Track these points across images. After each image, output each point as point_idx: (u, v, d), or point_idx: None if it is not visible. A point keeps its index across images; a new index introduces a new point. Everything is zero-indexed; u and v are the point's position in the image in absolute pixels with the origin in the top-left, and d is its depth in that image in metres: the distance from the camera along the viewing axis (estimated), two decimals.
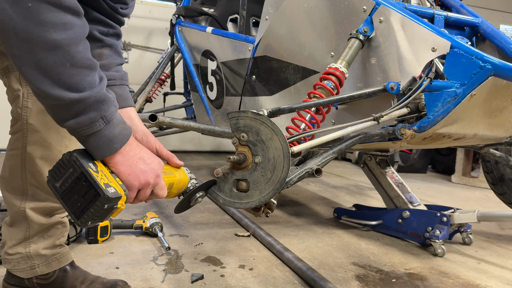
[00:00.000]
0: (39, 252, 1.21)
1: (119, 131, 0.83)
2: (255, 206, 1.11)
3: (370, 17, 1.51)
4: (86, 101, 0.76)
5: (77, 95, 0.75)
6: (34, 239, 1.20)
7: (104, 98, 0.79)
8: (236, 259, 1.69)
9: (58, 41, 0.70)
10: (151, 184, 0.89)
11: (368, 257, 1.81)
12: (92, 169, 0.80)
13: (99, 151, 0.82)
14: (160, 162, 0.93)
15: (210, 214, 2.36)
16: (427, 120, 1.36)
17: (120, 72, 1.09)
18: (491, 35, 1.64)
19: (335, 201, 2.95)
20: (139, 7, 4.81)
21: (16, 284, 1.25)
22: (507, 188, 2.35)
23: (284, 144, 1.05)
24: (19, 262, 1.20)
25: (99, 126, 0.79)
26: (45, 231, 1.21)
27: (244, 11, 2.50)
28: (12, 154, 1.14)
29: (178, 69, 3.23)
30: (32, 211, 1.17)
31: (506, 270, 1.78)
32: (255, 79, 2.18)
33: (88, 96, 0.76)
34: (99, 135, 0.80)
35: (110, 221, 1.83)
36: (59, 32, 0.70)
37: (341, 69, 1.44)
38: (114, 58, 1.08)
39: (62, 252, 1.27)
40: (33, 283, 1.24)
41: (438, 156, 4.85)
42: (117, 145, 0.83)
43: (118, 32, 1.11)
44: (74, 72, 0.74)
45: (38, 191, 1.17)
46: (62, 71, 0.73)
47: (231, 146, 4.99)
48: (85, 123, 0.78)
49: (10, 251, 1.20)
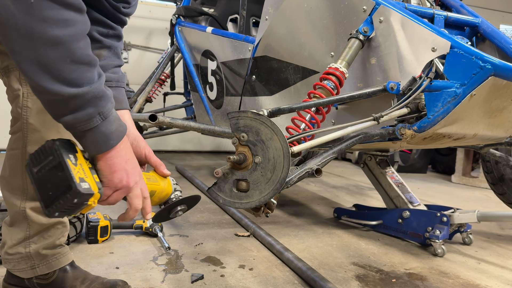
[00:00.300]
0: (39, 252, 1.21)
1: (115, 128, 0.84)
2: (255, 206, 1.11)
3: (370, 17, 1.51)
4: (84, 97, 0.77)
5: (76, 90, 0.75)
6: (34, 239, 1.20)
7: (102, 94, 0.80)
8: (236, 259, 1.69)
9: (60, 37, 0.71)
10: (129, 188, 0.89)
11: (368, 257, 1.81)
12: (71, 161, 0.80)
13: (95, 147, 0.82)
14: (140, 172, 0.93)
15: (210, 214, 2.36)
16: (427, 120, 1.36)
17: (117, 74, 1.09)
18: (491, 35, 1.64)
19: (335, 201, 2.95)
20: (139, 7, 4.79)
21: (16, 284, 1.25)
22: (507, 188, 2.35)
23: (284, 144, 1.05)
24: (19, 262, 1.20)
25: (96, 122, 0.80)
26: (45, 231, 1.21)
27: (244, 11, 2.50)
28: (12, 154, 1.15)
29: (178, 69, 3.23)
30: (32, 211, 1.17)
31: (506, 270, 1.78)
32: (255, 79, 2.18)
33: (86, 91, 0.77)
34: (96, 131, 0.80)
35: (110, 221, 1.83)
36: (61, 28, 0.71)
37: (341, 69, 1.44)
38: (112, 59, 1.08)
39: (62, 252, 1.26)
40: (33, 283, 1.24)
41: (438, 156, 4.85)
42: (114, 142, 0.84)
43: (119, 34, 1.10)
44: (74, 68, 0.75)
45: None
46: (63, 66, 0.73)
47: (231, 146, 5.00)
48: (83, 118, 0.78)
49: (10, 251, 1.20)
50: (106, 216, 1.83)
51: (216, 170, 1.10)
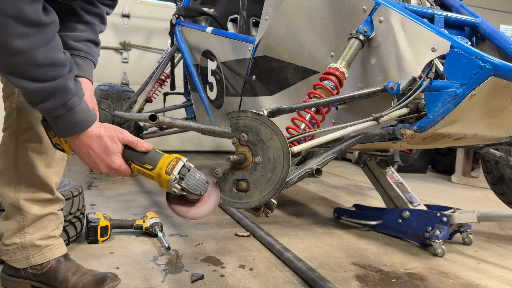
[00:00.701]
0: (34, 242, 1.27)
1: (82, 118, 0.97)
2: (255, 206, 1.11)
3: (370, 17, 1.51)
4: (47, 90, 0.91)
5: (39, 85, 0.90)
6: (29, 230, 1.26)
7: (65, 89, 0.93)
8: (236, 259, 1.70)
9: (21, 47, 0.85)
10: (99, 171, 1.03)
11: (368, 257, 1.81)
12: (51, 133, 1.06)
13: (62, 132, 0.98)
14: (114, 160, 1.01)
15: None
16: (427, 120, 1.36)
17: (88, 47, 1.16)
18: (491, 35, 1.64)
19: (335, 201, 2.95)
20: (139, 7, 4.81)
21: (13, 275, 1.31)
22: (507, 188, 2.35)
23: (284, 144, 1.05)
24: (15, 253, 1.27)
25: (60, 112, 0.94)
26: (39, 222, 1.28)
27: (244, 11, 2.50)
28: (5, 148, 1.23)
29: (178, 69, 3.23)
30: (25, 201, 1.24)
31: (506, 270, 1.78)
32: (255, 79, 2.18)
33: (48, 86, 0.91)
34: (61, 119, 0.95)
35: (110, 221, 1.83)
36: (21, 40, 0.85)
37: (341, 69, 1.44)
38: (87, 34, 1.16)
39: (56, 243, 1.32)
40: (28, 273, 1.30)
41: (438, 156, 4.85)
42: (78, 129, 0.98)
43: (101, 13, 1.20)
44: (36, 69, 0.89)
45: (31, 182, 1.24)
46: (26, 69, 0.88)
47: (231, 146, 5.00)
48: (48, 107, 0.93)
49: (7, 241, 1.26)
50: (106, 216, 1.83)
51: (216, 170, 1.10)
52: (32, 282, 1.31)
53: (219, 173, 1.11)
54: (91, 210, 2.24)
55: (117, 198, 2.62)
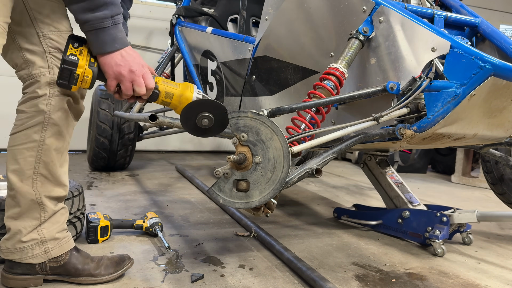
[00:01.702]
0: (54, 235, 1.32)
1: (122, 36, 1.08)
2: (255, 206, 1.11)
3: (370, 17, 1.52)
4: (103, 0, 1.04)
5: None
6: (45, 225, 1.31)
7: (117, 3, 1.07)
8: (236, 259, 1.70)
9: None
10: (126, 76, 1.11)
11: (368, 257, 1.81)
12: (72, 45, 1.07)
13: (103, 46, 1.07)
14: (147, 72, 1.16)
15: (210, 214, 2.36)
16: (427, 120, 1.36)
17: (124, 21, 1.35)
18: (491, 35, 1.64)
19: (335, 201, 2.95)
20: (139, 7, 4.81)
21: (24, 272, 1.31)
22: (507, 188, 2.36)
23: (284, 144, 1.05)
24: (33, 248, 1.29)
25: (108, 24, 1.05)
26: (54, 217, 1.33)
27: (244, 11, 2.50)
28: (27, 147, 1.26)
29: (178, 69, 3.23)
30: (46, 198, 1.29)
31: (506, 270, 1.78)
32: (255, 79, 2.18)
33: None
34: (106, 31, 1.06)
35: (111, 221, 1.83)
36: None
37: (341, 69, 1.44)
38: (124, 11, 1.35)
39: (69, 235, 1.39)
40: (45, 267, 1.32)
41: (438, 156, 4.85)
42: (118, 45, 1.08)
43: None
44: None
45: (50, 180, 1.29)
46: None
47: (231, 146, 5.00)
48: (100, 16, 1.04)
49: (25, 238, 1.28)
50: (106, 216, 1.83)
51: (216, 170, 1.10)
52: (47, 276, 1.34)
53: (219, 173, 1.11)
54: (91, 210, 2.24)
55: (117, 198, 2.62)
